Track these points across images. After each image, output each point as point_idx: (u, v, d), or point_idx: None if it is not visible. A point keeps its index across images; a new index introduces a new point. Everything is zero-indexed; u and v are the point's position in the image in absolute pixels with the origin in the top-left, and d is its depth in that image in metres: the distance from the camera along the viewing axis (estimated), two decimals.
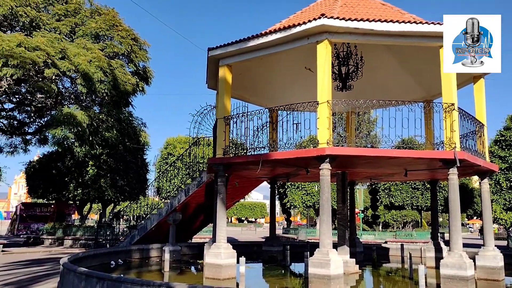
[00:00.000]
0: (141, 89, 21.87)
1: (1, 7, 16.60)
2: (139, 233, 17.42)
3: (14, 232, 37.32)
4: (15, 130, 27.35)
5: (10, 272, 14.79)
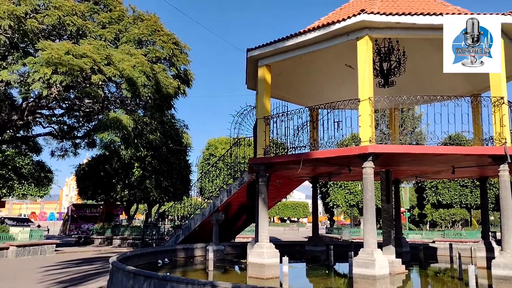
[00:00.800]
0: (182, 91, 22.31)
1: (50, 17, 17.37)
2: (183, 232, 17.78)
3: (66, 232, 39.02)
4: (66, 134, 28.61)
5: (63, 271, 15.50)
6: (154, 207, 33.24)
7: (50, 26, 18.02)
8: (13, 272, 15.04)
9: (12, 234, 20.69)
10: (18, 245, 19.94)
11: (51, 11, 17.49)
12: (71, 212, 39.37)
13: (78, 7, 18.90)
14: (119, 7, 21.58)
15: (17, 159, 21.85)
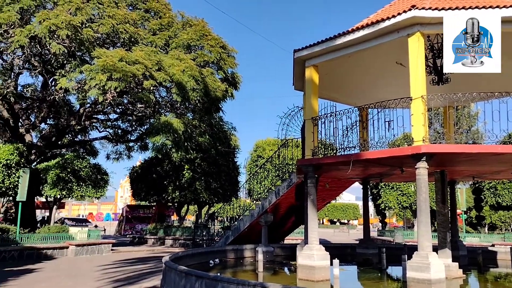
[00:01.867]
0: (230, 94, 22.59)
1: (104, 26, 18.13)
2: (233, 233, 17.96)
3: (121, 232, 40.52)
4: (120, 138, 29.76)
5: (119, 269, 16.10)
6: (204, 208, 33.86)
7: (105, 35, 18.80)
8: (73, 270, 15.81)
9: (71, 234, 21.75)
10: (77, 244, 20.93)
11: (105, 20, 18.26)
12: (126, 213, 40.83)
13: (130, 15, 19.60)
14: (168, 14, 22.18)
15: (75, 162, 22.93)
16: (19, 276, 13.76)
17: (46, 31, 16.41)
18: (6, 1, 16.78)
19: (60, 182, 22.18)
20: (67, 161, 22.76)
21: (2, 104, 22.86)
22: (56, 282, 12.93)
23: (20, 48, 17.78)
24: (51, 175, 22.15)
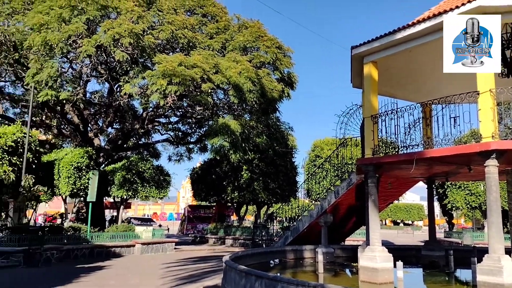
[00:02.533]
0: (286, 94, 22.55)
1: (164, 32, 18.74)
2: (292, 234, 17.89)
3: (183, 231, 41.72)
4: (180, 140, 30.68)
5: (182, 268, 16.57)
6: (263, 208, 34.03)
7: (164, 40, 19.45)
8: (139, 267, 16.49)
9: (137, 233, 22.69)
10: (142, 243, 21.81)
11: (165, 27, 18.88)
12: (187, 213, 41.99)
13: (188, 21, 20.12)
14: (225, 17, 22.53)
15: (140, 164, 23.89)
16: (90, 273, 14.57)
17: (110, 40, 17.25)
18: (74, 13, 17.83)
19: (126, 183, 23.20)
20: (132, 163, 23.77)
21: (73, 110, 24.37)
22: (124, 279, 13.55)
23: (87, 57, 18.84)
24: (117, 176, 23.23)
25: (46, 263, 16.67)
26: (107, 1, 17.89)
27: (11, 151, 17.84)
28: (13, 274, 14.16)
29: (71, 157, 21.66)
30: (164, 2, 20.09)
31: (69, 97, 19.61)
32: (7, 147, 17.63)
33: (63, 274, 14.27)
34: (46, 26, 17.46)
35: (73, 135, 26.28)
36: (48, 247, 17.10)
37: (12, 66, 21.28)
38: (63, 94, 19.02)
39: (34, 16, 17.82)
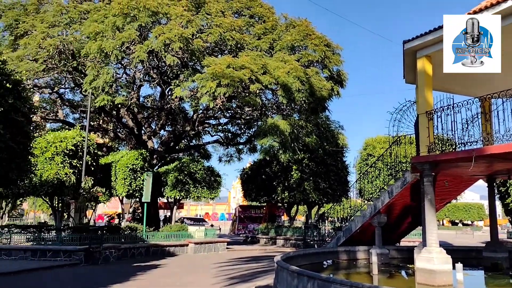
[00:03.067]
0: (336, 93, 22.22)
1: (212, 35, 19.02)
2: (344, 234, 17.57)
3: (234, 231, 42.15)
4: (230, 141, 31.04)
5: (234, 267, 16.73)
6: (314, 208, 33.69)
7: (213, 43, 19.75)
8: (193, 266, 16.83)
9: (190, 233, 23.18)
10: (195, 242, 22.24)
11: (213, 30, 19.17)
12: (238, 213, 42.38)
13: (236, 23, 20.31)
14: (272, 17, 22.55)
15: (191, 165, 24.39)
16: (146, 271, 15.04)
17: (161, 45, 17.76)
18: (127, 20, 18.51)
19: (178, 184, 23.76)
20: (184, 165, 24.32)
21: (128, 114, 25.31)
22: (179, 277, 13.87)
23: (140, 63, 19.50)
24: (170, 177, 23.85)
25: (105, 261, 17.40)
26: (157, 7, 18.42)
27: (72, 155, 18.80)
28: (76, 272, 14.90)
29: (127, 159, 22.50)
30: (212, 6, 20.41)
31: (124, 101, 20.39)
32: (68, 150, 18.60)
33: (122, 272, 14.83)
34: (101, 34, 18.24)
35: (128, 138, 27.29)
36: (107, 246, 17.83)
37: (71, 73, 22.44)
38: (118, 99, 19.81)
39: (90, 25, 18.68)
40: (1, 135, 11.36)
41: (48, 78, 23.87)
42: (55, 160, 18.20)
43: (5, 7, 22.96)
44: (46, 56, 19.74)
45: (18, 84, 12.37)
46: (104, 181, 22.41)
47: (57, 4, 21.23)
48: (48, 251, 16.98)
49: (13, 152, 12.02)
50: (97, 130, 27.37)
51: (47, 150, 18.27)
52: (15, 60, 19.45)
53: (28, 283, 12.38)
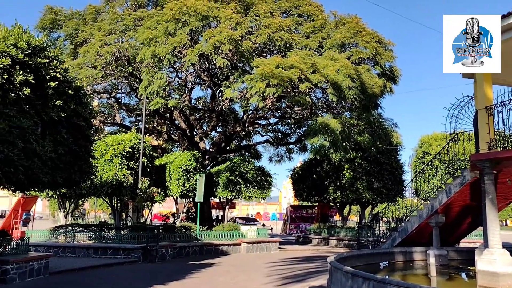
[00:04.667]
0: (388, 89, 21.68)
1: (261, 36, 19.16)
2: (399, 235, 17.08)
3: (286, 231, 42.12)
4: (280, 141, 31.08)
5: (287, 267, 16.74)
6: (367, 208, 33.00)
7: (262, 44, 19.88)
8: (245, 265, 17.02)
9: (242, 232, 23.44)
10: (248, 242, 22.46)
11: (261, 31, 19.30)
12: (290, 213, 42.29)
13: (285, 23, 20.33)
14: (321, 15, 22.37)
15: (242, 166, 24.65)
16: (201, 269, 15.39)
17: (211, 48, 18.11)
18: (179, 25, 19.03)
19: (230, 184, 24.10)
20: (235, 165, 24.62)
21: (180, 116, 26.03)
22: (232, 275, 14.08)
23: (191, 66, 19.99)
24: (222, 178, 24.24)
25: (162, 259, 17.98)
26: (207, 11, 18.80)
27: (129, 157, 19.59)
28: (135, 269, 15.53)
29: (180, 160, 23.13)
30: (261, 7, 20.54)
31: (176, 104, 20.99)
32: (125, 153, 19.40)
33: (178, 269, 15.27)
34: (154, 40, 18.88)
35: (181, 140, 28.05)
36: (163, 245, 18.42)
37: (127, 78, 23.40)
38: (171, 101, 20.42)
39: (144, 31, 19.38)
40: (65, 139, 12.06)
41: (106, 83, 25.03)
42: (114, 162, 19.05)
43: (66, 18, 24.31)
44: (104, 63, 20.70)
45: (79, 90, 13.07)
46: (159, 182, 23.17)
47: (113, 13, 22.22)
48: (109, 249, 17.81)
49: (76, 155, 12.72)
50: (152, 132, 28.35)
51: (106, 153, 19.15)
52: (75, 67, 20.54)
53: (91, 279, 13.05)
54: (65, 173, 12.43)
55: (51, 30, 24.25)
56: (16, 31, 11.06)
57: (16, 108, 10.39)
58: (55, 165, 11.71)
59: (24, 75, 10.41)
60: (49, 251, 17.48)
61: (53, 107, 11.42)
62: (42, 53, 11.48)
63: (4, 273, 11.66)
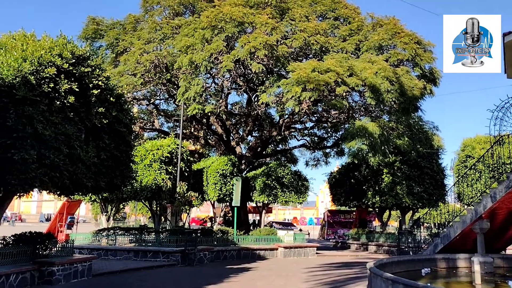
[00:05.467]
0: (429, 91, 21.16)
1: (297, 40, 19.15)
2: (442, 241, 16.56)
3: (324, 236, 41.67)
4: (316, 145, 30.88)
5: (325, 273, 16.55)
6: (408, 213, 32.19)
7: (297, 48, 19.87)
8: (282, 270, 16.96)
9: (279, 237, 23.38)
10: (285, 247, 22.37)
11: (297, 35, 19.30)
12: (327, 218, 41.82)
13: (321, 26, 20.25)
14: (357, 18, 22.14)
15: (278, 170, 24.62)
16: (238, 274, 15.46)
17: (247, 53, 18.25)
18: (215, 32, 19.31)
19: (266, 188, 24.12)
20: (271, 169, 24.63)
21: (217, 121, 26.35)
22: (269, 280, 14.07)
23: (227, 72, 20.22)
24: (258, 182, 24.30)
25: (200, 263, 18.20)
26: (243, 17, 18.98)
27: (167, 161, 20.00)
28: (173, 272, 15.79)
29: (217, 165, 23.39)
30: (296, 11, 20.54)
31: (213, 109, 21.28)
32: (164, 158, 19.82)
33: (215, 273, 15.41)
34: (191, 47, 19.24)
35: (217, 144, 28.36)
36: (201, 248, 18.64)
37: (165, 85, 23.94)
38: (208, 107, 20.72)
39: (181, 39, 19.79)
40: (107, 145, 12.47)
41: (145, 90, 25.69)
42: (153, 166, 19.48)
43: (107, 27, 25.17)
44: (143, 71, 21.27)
45: (120, 97, 13.48)
46: (196, 186, 23.50)
47: (152, 22, 22.82)
48: (148, 252, 18.20)
49: (117, 160, 13.12)
50: (189, 137, 28.81)
51: (145, 158, 19.63)
52: (116, 75, 21.21)
53: (132, 281, 13.37)
54: (107, 178, 12.83)
55: (93, 40, 25.15)
56: (61, 41, 11.56)
57: (61, 116, 10.83)
58: (98, 170, 12.12)
59: (69, 83, 10.85)
60: (92, 253, 18.08)
61: (96, 114, 11.84)
62: (85, 62, 11.94)
63: (50, 275, 12.13)
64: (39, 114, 10.12)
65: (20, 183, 10.03)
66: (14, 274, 11.01)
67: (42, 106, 10.27)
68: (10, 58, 10.30)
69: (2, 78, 9.91)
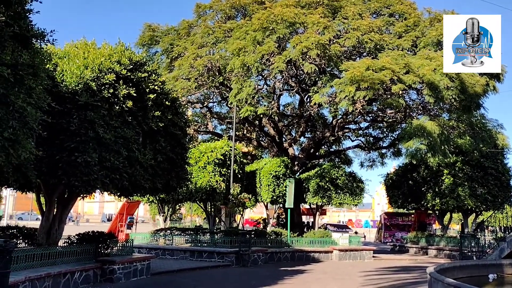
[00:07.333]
0: (492, 88, 20.05)
1: (350, 39, 18.79)
2: (509, 245, 15.57)
3: (380, 239, 40.53)
4: (372, 145, 30.13)
5: (382, 277, 16.08)
6: (470, 216, 30.57)
7: (351, 47, 19.48)
8: (337, 273, 16.66)
9: (334, 239, 22.99)
10: (340, 249, 21.97)
11: (350, 34, 18.93)
12: (384, 220, 40.66)
13: (375, 23, 19.76)
14: (414, 13, 21.44)
15: (332, 171, 24.23)
16: (293, 276, 15.36)
17: (299, 54, 18.13)
18: (266, 34, 19.35)
19: (320, 190, 23.81)
20: (324, 171, 24.29)
21: (269, 123, 26.40)
22: (324, 283, 13.86)
23: (279, 73, 20.20)
24: (312, 184, 24.04)
25: (254, 264, 18.28)
26: (294, 18, 18.89)
27: (221, 163, 20.30)
28: (228, 272, 15.98)
29: (270, 167, 23.42)
30: (349, 9, 20.16)
31: (265, 111, 21.33)
32: (218, 160, 20.12)
33: (270, 274, 15.41)
34: (243, 50, 19.40)
35: (270, 146, 28.41)
36: (255, 250, 18.72)
37: (218, 88, 24.32)
38: (260, 109, 20.81)
39: (233, 42, 20.01)
40: (163, 147, 12.84)
41: (199, 94, 26.24)
42: (207, 168, 19.83)
43: (162, 34, 25.97)
44: (197, 75, 21.73)
45: (175, 101, 13.85)
46: (249, 188, 23.64)
47: (204, 26, 23.26)
48: (204, 252, 18.54)
49: (173, 162, 13.48)
50: (242, 139, 29.08)
51: (200, 160, 20.02)
52: (171, 80, 21.81)
53: (188, 280, 13.66)
54: (164, 179, 13.21)
55: (149, 46, 26.04)
56: (119, 48, 12.05)
57: (120, 120, 11.28)
58: (154, 172, 12.50)
59: (127, 89, 11.28)
60: (150, 252, 18.68)
61: (152, 118, 12.23)
62: (142, 68, 12.37)
63: (112, 273, 12.64)
64: (100, 118, 10.59)
65: (83, 185, 10.53)
66: (78, 272, 11.57)
67: (103, 110, 10.74)
68: (73, 66, 10.88)
69: (66, 85, 10.48)
